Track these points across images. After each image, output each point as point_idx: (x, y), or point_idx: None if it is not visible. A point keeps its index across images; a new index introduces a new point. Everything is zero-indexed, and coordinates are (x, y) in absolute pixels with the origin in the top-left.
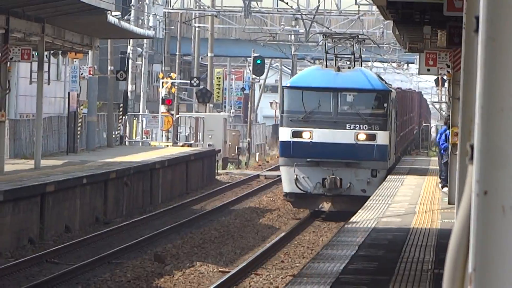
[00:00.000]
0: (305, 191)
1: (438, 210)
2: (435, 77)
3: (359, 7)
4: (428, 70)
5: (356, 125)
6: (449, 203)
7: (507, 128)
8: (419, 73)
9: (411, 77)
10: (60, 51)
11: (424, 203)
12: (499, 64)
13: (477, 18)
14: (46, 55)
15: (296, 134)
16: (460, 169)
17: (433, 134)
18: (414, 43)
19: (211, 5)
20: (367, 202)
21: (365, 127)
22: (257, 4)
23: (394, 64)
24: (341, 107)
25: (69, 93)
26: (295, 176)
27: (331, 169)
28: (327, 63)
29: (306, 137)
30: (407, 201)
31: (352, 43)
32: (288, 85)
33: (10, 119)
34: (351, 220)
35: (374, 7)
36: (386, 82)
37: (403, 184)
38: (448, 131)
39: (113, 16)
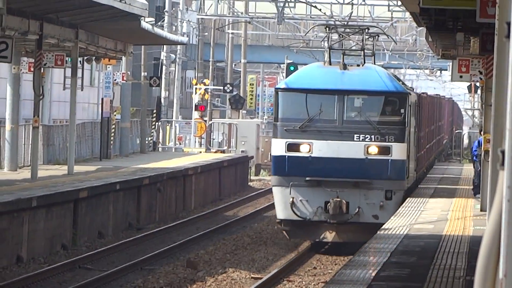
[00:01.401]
0: (303, 218)
1: (470, 217)
2: (468, 84)
3: (392, 14)
4: (461, 77)
5: (366, 136)
6: (481, 210)
7: None
8: (452, 80)
9: (444, 84)
10: (94, 57)
11: (456, 210)
12: None
13: (509, 24)
14: (80, 61)
15: (292, 147)
16: (492, 176)
17: (466, 140)
18: (447, 50)
19: (245, 12)
20: (400, 209)
21: (378, 138)
22: (290, 11)
23: (427, 71)
24: (347, 114)
25: (102, 99)
26: (291, 199)
27: (335, 191)
28: (331, 61)
29: (304, 150)
30: (439, 207)
31: (362, 37)
32: (283, 86)
33: (43, 125)
34: (383, 227)
35: (407, 14)
36: (403, 83)
37: (436, 192)
38: (481, 138)
39: (146, 22)
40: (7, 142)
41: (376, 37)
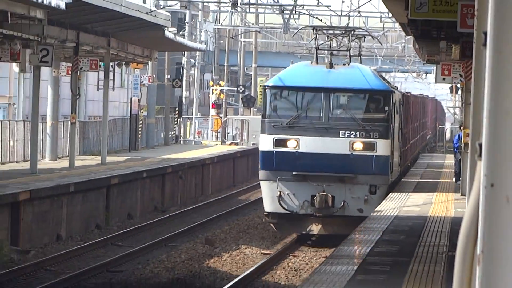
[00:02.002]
0: (290, 211)
1: (452, 200)
2: (450, 85)
3: (383, 24)
4: (444, 79)
5: (351, 132)
6: (461, 195)
7: (511, 128)
8: (436, 82)
9: (429, 85)
10: (124, 62)
11: (440, 194)
12: (504, 74)
13: (485, 34)
14: (111, 65)
15: (279, 142)
16: (470, 165)
17: (448, 134)
18: (432, 55)
19: (255, 22)
20: (391, 194)
21: (362, 134)
22: (295, 22)
23: (414, 74)
24: (333, 111)
25: (131, 98)
26: (279, 193)
27: (321, 185)
28: (318, 60)
29: (291, 146)
30: (425, 193)
31: (348, 38)
32: (271, 84)
33: (80, 121)
34: (376, 209)
35: (397, 25)
36: (388, 82)
37: (423, 176)
38: (461, 132)
39: (169, 31)
40: (48, 136)
41: (363, 38)
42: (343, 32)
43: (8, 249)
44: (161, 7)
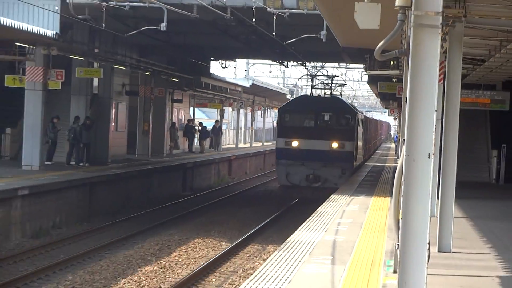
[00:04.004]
0: (294, 184)
1: (394, 161)
2: (394, 117)
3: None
4: (391, 115)
5: (330, 137)
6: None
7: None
8: (388, 115)
9: (386, 116)
10: None
11: (389, 159)
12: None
13: (406, 98)
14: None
15: (288, 143)
16: (401, 147)
17: (392, 135)
18: (387, 106)
19: None
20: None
21: (337, 138)
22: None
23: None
24: (320, 124)
25: None
26: (287, 173)
27: (312, 168)
28: (312, 93)
29: (295, 145)
30: (384, 155)
31: (330, 83)
32: (284, 107)
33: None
34: (371, 155)
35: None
36: (355, 108)
37: (382, 148)
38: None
39: None
40: None
41: (342, 85)
42: (327, 79)
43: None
44: None
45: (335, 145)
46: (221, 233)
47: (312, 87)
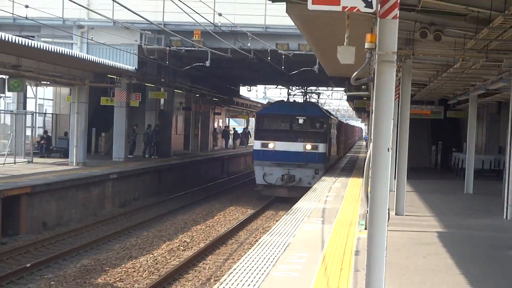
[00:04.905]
0: (270, 183)
1: (365, 153)
2: (365, 123)
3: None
4: (363, 122)
5: (304, 139)
6: (367, 152)
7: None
8: (361, 122)
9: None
10: None
11: (362, 152)
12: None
13: (373, 110)
14: None
15: (264, 144)
16: (370, 144)
17: (363, 136)
18: (360, 116)
19: None
20: (349, 150)
21: (310, 140)
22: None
23: (355, 119)
24: (295, 127)
25: None
26: (263, 173)
27: (287, 169)
28: (289, 99)
29: (271, 147)
30: (357, 151)
31: (305, 92)
32: (261, 112)
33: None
34: (346, 152)
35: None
36: (328, 112)
37: (356, 146)
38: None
39: None
40: None
41: (319, 94)
42: (303, 91)
43: (251, 166)
44: None
45: (308, 146)
46: (247, 203)
47: (288, 94)
